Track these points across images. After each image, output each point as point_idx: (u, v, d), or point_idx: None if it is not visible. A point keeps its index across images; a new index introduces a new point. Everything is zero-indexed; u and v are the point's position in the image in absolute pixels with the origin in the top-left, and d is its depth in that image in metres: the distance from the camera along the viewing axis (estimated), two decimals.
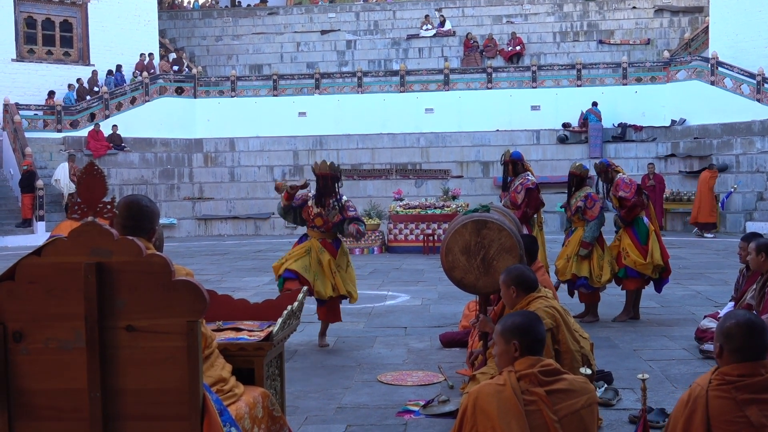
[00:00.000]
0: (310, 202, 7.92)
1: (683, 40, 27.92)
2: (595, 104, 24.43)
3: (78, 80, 26.57)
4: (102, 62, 27.27)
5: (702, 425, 3.01)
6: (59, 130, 24.72)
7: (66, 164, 22.50)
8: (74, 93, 26.33)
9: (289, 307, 4.34)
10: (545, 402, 3.25)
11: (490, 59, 27.96)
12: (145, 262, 2.92)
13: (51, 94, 25.70)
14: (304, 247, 7.84)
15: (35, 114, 25.00)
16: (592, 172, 9.41)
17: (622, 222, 8.82)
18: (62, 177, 22.47)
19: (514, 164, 9.52)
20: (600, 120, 24.26)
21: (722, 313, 7.35)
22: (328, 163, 8.02)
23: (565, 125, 24.99)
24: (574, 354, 4.78)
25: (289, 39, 31.22)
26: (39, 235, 19.57)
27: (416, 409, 5.58)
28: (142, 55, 27.73)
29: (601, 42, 29.20)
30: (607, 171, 8.93)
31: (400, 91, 26.29)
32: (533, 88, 25.77)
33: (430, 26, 30.41)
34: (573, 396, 3.31)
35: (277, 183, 8.76)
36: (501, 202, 9.61)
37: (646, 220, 8.82)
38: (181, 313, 2.91)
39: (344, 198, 7.97)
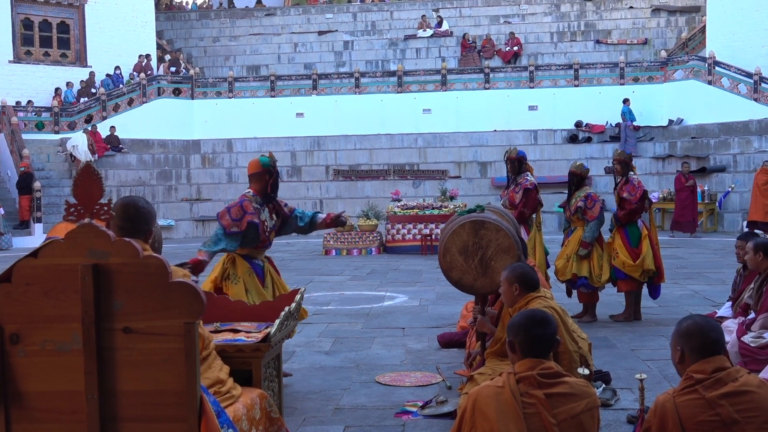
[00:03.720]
0: (263, 216, 6.20)
1: (680, 40, 27.96)
2: (626, 101, 24.34)
3: (81, 82, 26.60)
4: (99, 64, 27.27)
5: (676, 429, 3.06)
6: (57, 132, 24.72)
7: (84, 135, 22.74)
8: (72, 90, 26.33)
9: (286, 309, 4.34)
10: (544, 405, 3.24)
11: (487, 59, 27.97)
12: (141, 264, 2.91)
13: (57, 91, 25.78)
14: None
15: (34, 115, 25.04)
16: (593, 172, 9.42)
17: (616, 222, 8.85)
18: (80, 144, 22.74)
19: (520, 162, 9.51)
20: (624, 120, 24.13)
21: (720, 312, 7.35)
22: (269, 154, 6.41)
23: (578, 124, 25.05)
24: (572, 354, 4.78)
25: (287, 40, 31.22)
26: (36, 237, 19.56)
27: (414, 409, 5.58)
28: (140, 56, 27.72)
29: (598, 42, 29.22)
30: (628, 162, 8.94)
31: (398, 92, 26.29)
32: (531, 88, 25.79)
33: (428, 26, 30.42)
34: (573, 400, 3.29)
35: None
36: (501, 201, 9.60)
37: (640, 223, 8.83)
38: (179, 315, 2.91)
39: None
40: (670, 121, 24.55)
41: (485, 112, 25.40)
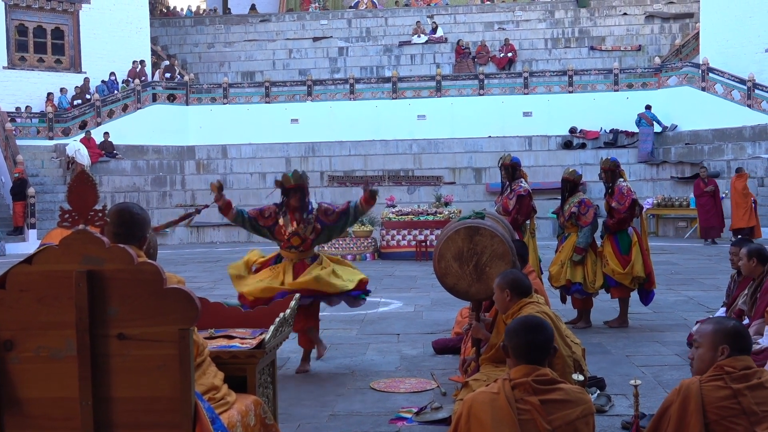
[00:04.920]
0: (281, 221, 7.03)
1: (674, 47, 28.04)
2: (648, 107, 24.27)
3: (76, 88, 26.56)
4: (94, 69, 27.22)
5: (697, 411, 3.18)
6: (51, 138, 24.68)
7: (82, 145, 22.77)
8: (66, 96, 26.29)
9: (281, 315, 4.33)
10: (539, 412, 3.24)
11: (482, 66, 28.02)
12: (136, 270, 2.91)
13: (49, 96, 25.74)
14: (275, 270, 7.00)
15: (34, 121, 25.04)
16: (587, 178, 9.42)
17: (606, 230, 8.85)
18: (81, 147, 22.82)
19: (514, 169, 9.53)
20: (650, 125, 24.15)
21: None
22: (300, 173, 7.11)
23: (572, 130, 25.11)
24: (565, 359, 4.78)
25: (281, 46, 31.24)
26: (30, 243, 19.52)
27: (409, 416, 5.57)
28: (134, 62, 27.70)
29: (592, 48, 29.29)
30: (614, 170, 8.94)
31: (393, 98, 26.31)
32: (525, 94, 25.85)
33: (423, 33, 30.45)
34: (568, 406, 3.30)
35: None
36: (495, 207, 9.61)
37: (630, 230, 8.84)
38: (173, 321, 2.90)
39: (314, 205, 7.17)
40: (665, 128, 24.59)
41: (480, 118, 25.42)
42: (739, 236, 14.74)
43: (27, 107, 25.51)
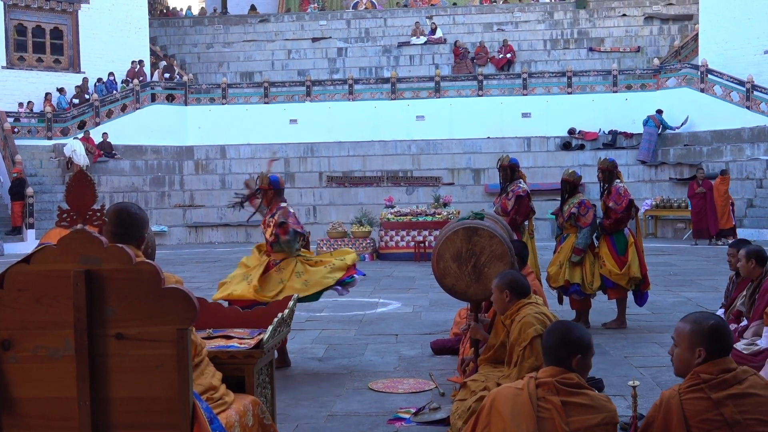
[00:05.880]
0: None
1: (673, 48, 28.05)
2: (659, 112, 24.25)
3: (76, 87, 26.54)
4: (93, 69, 27.22)
5: (680, 427, 3.11)
6: (49, 138, 24.67)
7: (79, 142, 22.68)
8: (65, 96, 26.27)
9: (279, 315, 4.33)
10: (559, 412, 3.28)
11: (481, 67, 28.01)
12: (134, 270, 2.90)
13: (47, 96, 25.71)
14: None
15: (32, 121, 25.04)
16: (585, 179, 9.40)
17: (602, 231, 8.84)
18: (78, 148, 22.78)
19: (512, 170, 9.54)
20: (658, 127, 24.13)
21: None
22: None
23: (571, 131, 25.11)
24: None
25: (280, 46, 31.23)
26: (29, 243, 19.52)
27: (407, 416, 5.57)
28: (133, 62, 27.70)
29: (591, 49, 29.29)
30: (612, 170, 8.95)
31: (391, 99, 26.30)
32: (524, 95, 25.84)
33: (422, 33, 30.45)
34: (590, 411, 3.32)
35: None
36: (494, 208, 9.62)
37: (626, 231, 8.84)
38: (171, 321, 2.90)
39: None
40: (664, 128, 24.54)
41: (478, 119, 25.42)
42: (738, 239, 14.76)
43: (30, 102, 25.49)
